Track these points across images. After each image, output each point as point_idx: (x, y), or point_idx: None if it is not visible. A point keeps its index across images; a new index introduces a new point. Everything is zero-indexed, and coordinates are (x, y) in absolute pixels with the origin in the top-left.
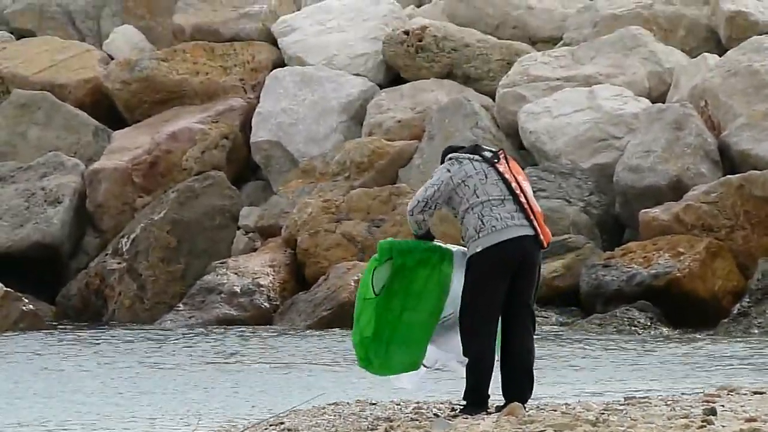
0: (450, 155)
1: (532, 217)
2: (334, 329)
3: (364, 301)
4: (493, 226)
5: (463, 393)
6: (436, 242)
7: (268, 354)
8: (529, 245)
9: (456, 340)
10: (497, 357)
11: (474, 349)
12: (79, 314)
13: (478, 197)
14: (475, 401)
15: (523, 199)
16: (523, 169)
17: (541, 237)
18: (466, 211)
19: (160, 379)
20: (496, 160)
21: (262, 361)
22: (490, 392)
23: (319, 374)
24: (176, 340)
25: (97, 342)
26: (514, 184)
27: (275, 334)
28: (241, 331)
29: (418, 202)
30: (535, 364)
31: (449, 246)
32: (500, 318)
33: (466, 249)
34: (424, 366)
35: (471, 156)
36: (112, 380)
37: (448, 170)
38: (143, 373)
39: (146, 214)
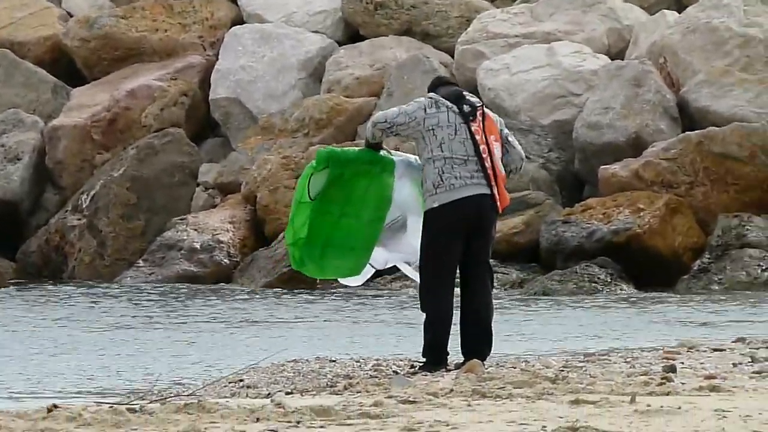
0: (432, 94)
1: (492, 179)
2: (293, 288)
3: (299, 204)
4: (452, 184)
5: (421, 350)
6: (382, 152)
7: (226, 313)
8: (485, 204)
9: (405, 241)
10: (456, 314)
11: (431, 305)
12: (40, 271)
13: (442, 152)
14: (434, 358)
15: (487, 163)
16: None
17: (498, 199)
18: (428, 161)
19: (116, 338)
20: (471, 117)
21: (220, 320)
22: (449, 350)
23: (278, 332)
24: (133, 298)
25: (55, 300)
26: (482, 147)
27: (234, 292)
28: (200, 289)
29: (385, 121)
30: (494, 321)
31: (393, 155)
32: (458, 276)
33: (411, 159)
34: (371, 266)
35: (450, 105)
36: (68, 338)
37: (425, 109)
38: (98, 332)
39: (106, 170)
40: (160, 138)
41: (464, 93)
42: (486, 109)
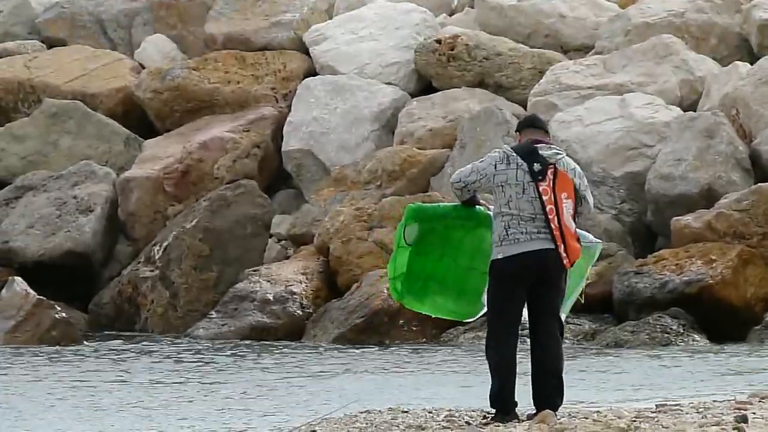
0: (506, 148)
1: (559, 239)
2: (364, 342)
3: (398, 248)
4: (517, 239)
5: (489, 400)
6: (478, 207)
7: (298, 365)
8: (549, 257)
9: None
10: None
11: (494, 354)
12: (112, 322)
13: (510, 209)
14: (500, 407)
15: (554, 224)
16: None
17: (565, 257)
18: (497, 215)
19: (186, 393)
20: (540, 177)
21: (293, 372)
22: (518, 399)
23: (351, 383)
24: (206, 351)
25: (128, 355)
26: (549, 207)
27: (306, 347)
28: (271, 342)
29: (459, 180)
30: (566, 372)
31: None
32: (529, 327)
33: None
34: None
35: (520, 162)
36: (143, 393)
37: (495, 166)
38: (170, 387)
39: (178, 222)
40: (233, 189)
41: (539, 149)
42: (561, 163)
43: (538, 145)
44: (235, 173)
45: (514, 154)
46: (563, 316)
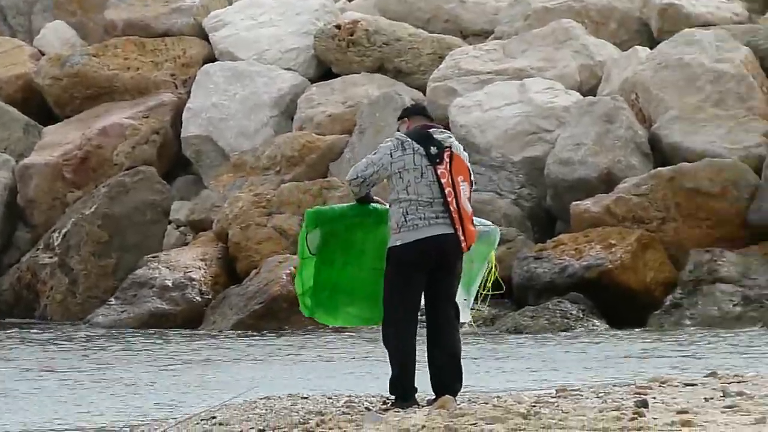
0: (399, 135)
1: (457, 222)
2: (263, 329)
3: (302, 261)
4: (415, 224)
5: (389, 386)
6: (373, 205)
7: (197, 352)
8: (448, 242)
9: None
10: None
11: (393, 341)
12: (11, 309)
13: (408, 195)
14: (402, 394)
15: (453, 206)
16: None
17: (463, 240)
18: (394, 202)
19: (85, 378)
20: (437, 160)
21: (192, 359)
22: (417, 385)
23: (251, 370)
24: (106, 339)
25: (26, 342)
26: (447, 189)
27: (206, 333)
28: (170, 329)
29: (356, 177)
30: (466, 358)
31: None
32: (426, 313)
33: None
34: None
35: (416, 147)
36: (43, 380)
37: (390, 154)
38: (67, 374)
39: (77, 208)
40: (132, 176)
41: (432, 133)
42: (455, 147)
43: (431, 130)
44: (134, 160)
45: (409, 140)
46: (470, 304)
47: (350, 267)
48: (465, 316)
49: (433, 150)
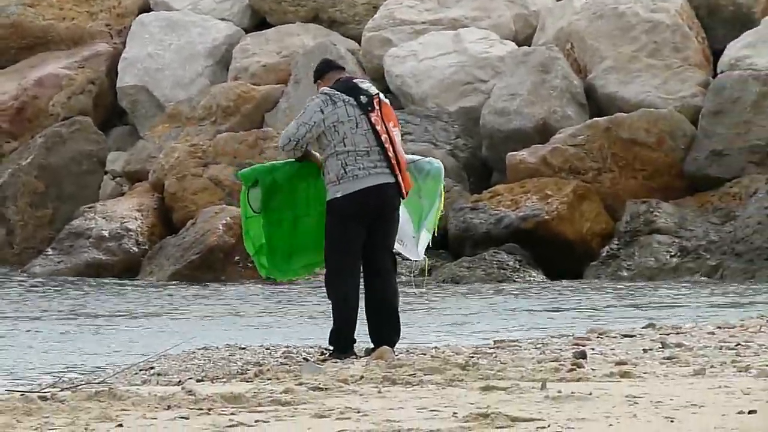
0: (326, 89)
1: (396, 167)
2: (200, 279)
3: (247, 220)
4: (355, 175)
5: (328, 337)
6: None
7: (134, 302)
8: (389, 192)
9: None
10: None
11: (336, 293)
12: None
13: (345, 146)
14: (341, 345)
15: (390, 153)
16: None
17: (402, 186)
18: (331, 156)
19: (22, 328)
20: (369, 108)
21: (129, 310)
22: (356, 337)
23: (187, 322)
24: (41, 287)
25: None
26: (383, 136)
27: (142, 284)
28: (109, 282)
29: (290, 140)
30: (402, 309)
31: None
32: (363, 263)
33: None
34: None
35: (346, 99)
36: None
37: (322, 110)
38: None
39: (14, 159)
40: (68, 126)
41: (357, 82)
42: (381, 95)
43: (355, 80)
44: (70, 110)
45: (338, 93)
46: (421, 241)
47: (302, 219)
48: (415, 254)
49: (364, 99)
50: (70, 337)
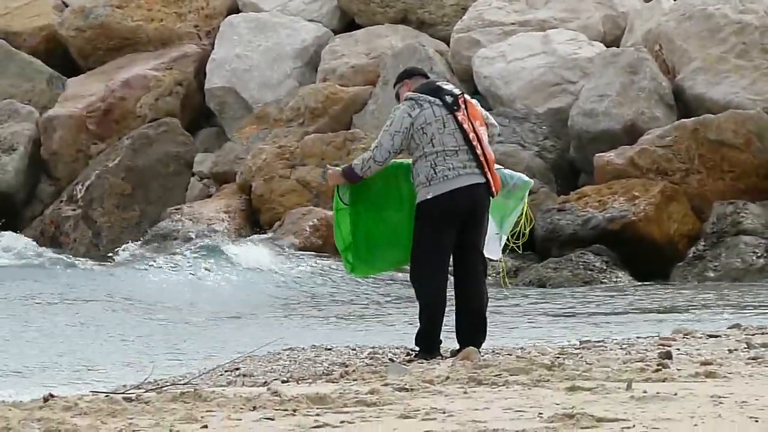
0: (411, 94)
1: (485, 166)
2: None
3: (338, 212)
4: (445, 176)
5: (415, 338)
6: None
7: (225, 304)
8: (479, 193)
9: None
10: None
11: (425, 294)
12: None
13: (434, 146)
14: (428, 346)
15: (478, 150)
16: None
17: (492, 186)
18: (420, 158)
19: (106, 322)
20: (455, 107)
21: (214, 313)
22: (443, 337)
23: (274, 321)
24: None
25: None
26: (471, 135)
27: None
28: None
29: (389, 152)
30: (489, 310)
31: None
32: (453, 265)
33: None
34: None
35: (432, 99)
36: (66, 321)
37: (410, 115)
38: (97, 314)
39: (101, 161)
40: (155, 128)
41: (440, 84)
42: (466, 95)
43: (438, 82)
44: (158, 111)
45: (422, 95)
46: (502, 239)
47: (387, 212)
48: (496, 252)
49: (449, 98)
50: (155, 337)
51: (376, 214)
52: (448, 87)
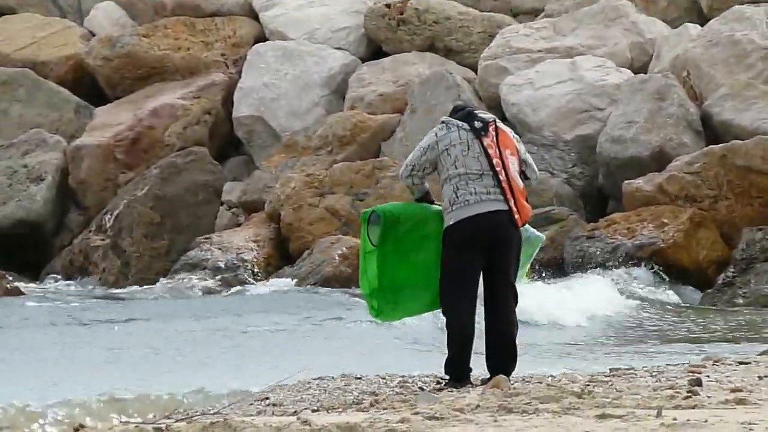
0: (443, 119)
1: (509, 193)
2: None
3: (365, 255)
4: (467, 200)
5: (444, 366)
6: (434, 206)
7: (254, 330)
8: (501, 220)
9: None
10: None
11: (452, 321)
12: None
13: (456, 169)
14: (457, 374)
15: (502, 176)
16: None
17: (516, 214)
18: (445, 181)
19: (137, 351)
20: (483, 132)
21: (247, 328)
22: (472, 365)
23: (303, 352)
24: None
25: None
26: (495, 160)
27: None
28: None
29: (406, 166)
30: (518, 337)
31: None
32: (483, 293)
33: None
34: None
35: (460, 123)
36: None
37: (436, 134)
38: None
39: (129, 190)
40: (184, 157)
41: (475, 111)
42: (500, 124)
43: (475, 110)
44: (186, 140)
45: (452, 119)
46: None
47: (414, 253)
48: None
49: (478, 124)
50: (187, 365)
51: (403, 256)
52: (482, 114)
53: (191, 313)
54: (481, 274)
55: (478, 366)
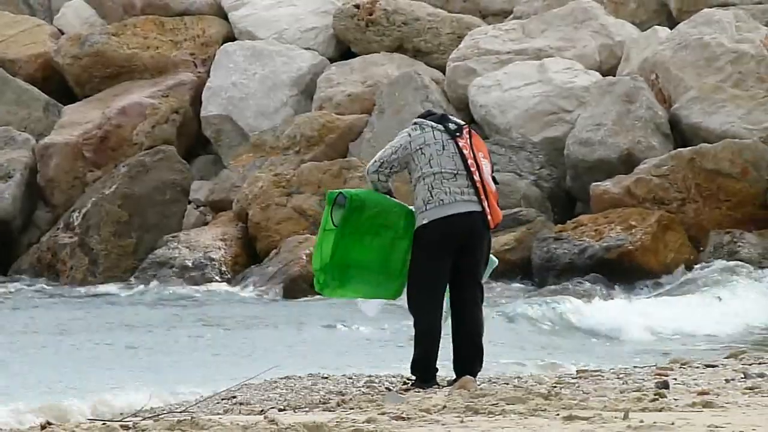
0: (415, 120)
1: (482, 194)
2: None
3: (324, 232)
4: (441, 200)
5: (410, 366)
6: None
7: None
8: (475, 221)
9: None
10: (447, 331)
11: (421, 322)
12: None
13: (431, 167)
14: (424, 374)
15: (476, 177)
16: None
17: (489, 216)
18: (418, 180)
19: (103, 347)
20: (457, 134)
21: (214, 327)
22: (438, 366)
23: (273, 346)
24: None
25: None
26: (470, 161)
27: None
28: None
29: (374, 161)
30: (484, 338)
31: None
32: (449, 292)
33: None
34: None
35: (434, 125)
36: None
37: (409, 134)
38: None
39: (97, 188)
40: (152, 155)
41: (447, 114)
42: (472, 129)
43: (447, 115)
44: (154, 139)
45: (426, 121)
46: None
47: (368, 236)
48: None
49: (452, 126)
50: (147, 364)
51: (359, 238)
52: (455, 118)
53: (158, 312)
54: (450, 274)
55: (445, 365)
